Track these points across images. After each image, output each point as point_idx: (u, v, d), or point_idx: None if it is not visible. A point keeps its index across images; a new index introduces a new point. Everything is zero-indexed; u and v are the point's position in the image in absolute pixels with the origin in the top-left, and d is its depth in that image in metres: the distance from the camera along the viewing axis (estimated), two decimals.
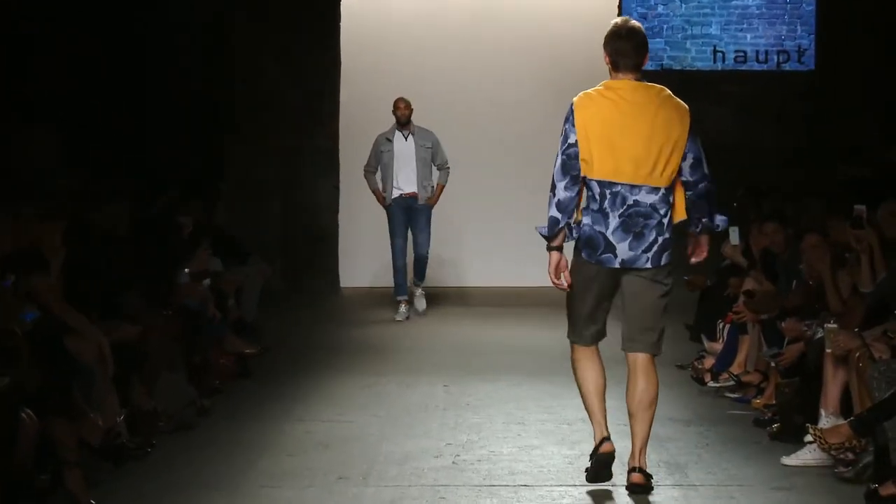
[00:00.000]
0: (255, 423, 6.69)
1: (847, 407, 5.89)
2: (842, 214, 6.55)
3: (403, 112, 10.41)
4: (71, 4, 10.62)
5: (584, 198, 5.26)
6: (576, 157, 5.17)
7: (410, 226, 10.45)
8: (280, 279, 11.32)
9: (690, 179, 5.24)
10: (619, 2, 11.87)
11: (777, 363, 6.75)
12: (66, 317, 5.84)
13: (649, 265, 5.24)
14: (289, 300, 11.08)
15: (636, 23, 5.35)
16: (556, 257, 5.25)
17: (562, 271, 5.25)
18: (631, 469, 5.30)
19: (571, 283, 5.30)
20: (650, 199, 5.18)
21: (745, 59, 11.95)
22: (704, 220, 5.32)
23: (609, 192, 5.19)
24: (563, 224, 5.20)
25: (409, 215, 10.43)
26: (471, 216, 12.10)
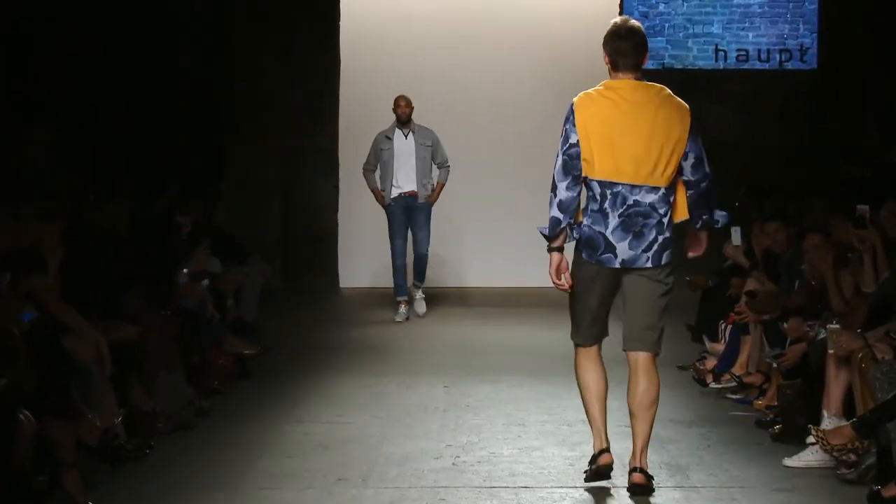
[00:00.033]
0: (255, 424, 6.67)
1: (849, 408, 5.88)
2: (844, 214, 6.53)
3: (404, 110, 10.34)
4: (71, 4, 10.61)
5: (584, 198, 5.26)
6: (577, 157, 5.16)
7: (410, 224, 10.39)
8: (280, 279, 11.29)
9: (692, 179, 5.24)
10: (621, 1, 11.83)
11: (779, 364, 6.72)
12: (64, 317, 5.82)
13: (650, 264, 5.23)
14: (288, 300, 11.05)
15: (635, 22, 5.34)
16: (557, 258, 5.25)
17: (562, 272, 5.26)
18: (632, 469, 5.29)
19: (572, 284, 5.30)
20: (650, 199, 5.18)
21: (747, 58, 11.91)
22: (705, 217, 5.33)
23: (610, 193, 5.18)
24: (565, 224, 5.20)
25: (409, 214, 10.38)
26: (471, 216, 12.06)
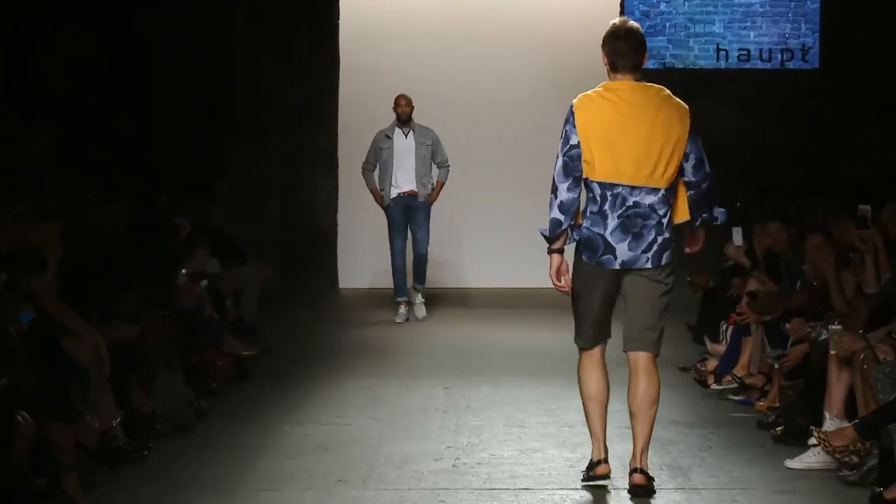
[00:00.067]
0: (254, 426, 6.65)
1: (851, 409, 5.86)
2: (846, 214, 6.51)
3: (404, 109, 10.29)
4: (71, 4, 10.61)
5: (584, 200, 5.26)
6: (578, 159, 5.16)
7: (409, 223, 10.34)
8: (279, 280, 11.27)
9: (693, 180, 5.24)
10: (622, 0, 11.80)
11: (781, 365, 6.70)
12: (63, 317, 5.80)
13: (649, 265, 5.23)
14: (287, 301, 11.03)
15: (634, 23, 5.34)
16: (557, 260, 5.25)
17: (563, 274, 5.26)
18: (632, 470, 5.28)
19: (574, 287, 5.30)
20: (649, 200, 5.17)
21: (749, 58, 11.89)
22: (704, 216, 5.34)
23: (610, 194, 5.18)
24: (566, 226, 5.20)
25: (409, 214, 10.33)
26: (471, 216, 12.04)
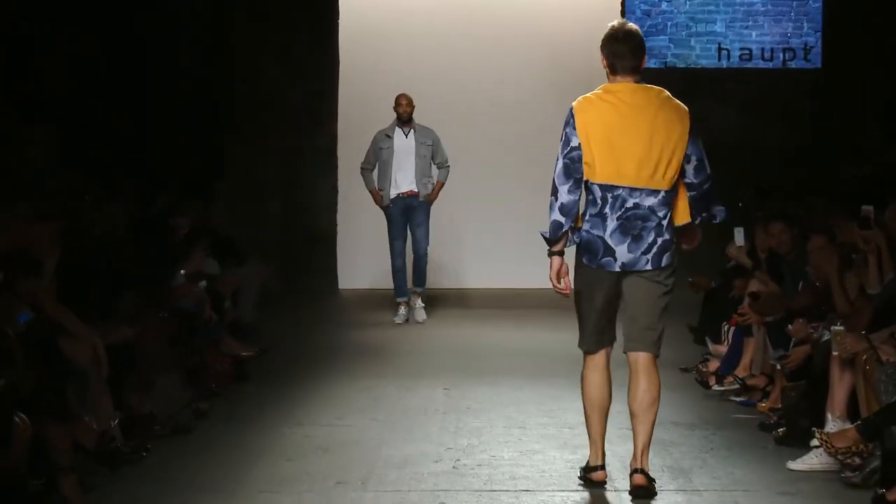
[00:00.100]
0: (253, 427, 6.63)
1: (854, 410, 5.85)
2: (849, 215, 6.48)
3: (405, 109, 10.25)
4: (71, 4, 10.59)
5: (584, 202, 5.26)
6: (579, 161, 5.17)
7: (409, 223, 10.30)
8: (278, 280, 11.25)
9: (695, 181, 5.25)
10: None
11: (783, 366, 6.67)
12: (61, 318, 5.78)
13: (649, 267, 5.23)
14: (287, 301, 11.00)
15: (633, 25, 5.35)
16: (558, 262, 5.25)
17: (563, 276, 5.26)
18: (634, 471, 5.27)
19: (576, 290, 5.30)
20: (649, 202, 5.18)
21: (751, 57, 11.86)
22: (704, 215, 5.34)
23: (610, 196, 5.19)
24: (567, 228, 5.20)
25: (408, 214, 10.29)
26: (470, 216, 12.02)
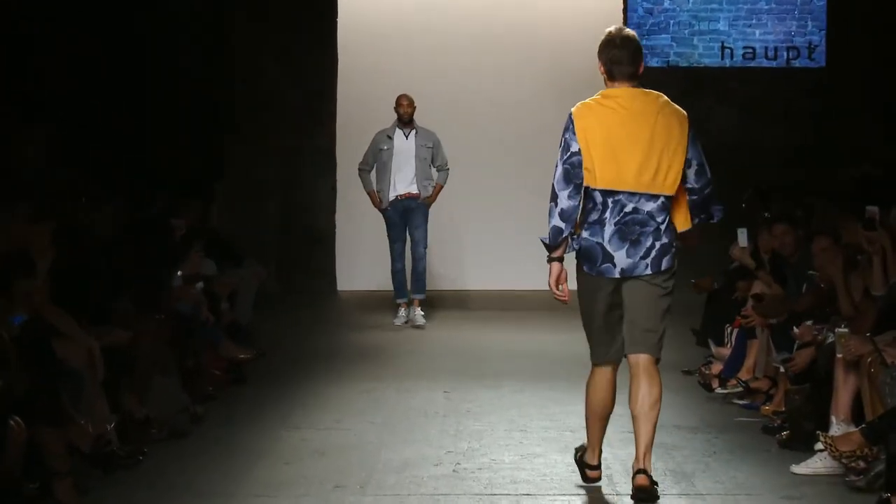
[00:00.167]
0: (250, 430, 6.60)
1: (858, 414, 5.83)
2: (853, 216, 6.43)
3: (406, 109, 10.20)
4: (71, 4, 10.59)
5: (584, 209, 5.25)
6: (579, 166, 5.17)
7: (407, 225, 10.24)
8: (276, 281, 11.23)
9: (696, 186, 5.26)
10: None
11: (787, 369, 6.62)
12: (55, 320, 5.75)
13: (649, 271, 5.24)
14: (285, 303, 10.99)
15: (630, 31, 5.39)
16: (557, 268, 5.26)
17: (562, 282, 5.27)
18: (636, 472, 5.23)
19: (579, 299, 5.32)
20: (648, 207, 5.19)
21: (754, 56, 11.82)
22: (703, 217, 5.35)
23: (611, 201, 5.19)
24: (567, 233, 5.21)
25: (407, 217, 10.23)
26: (470, 217, 11.99)
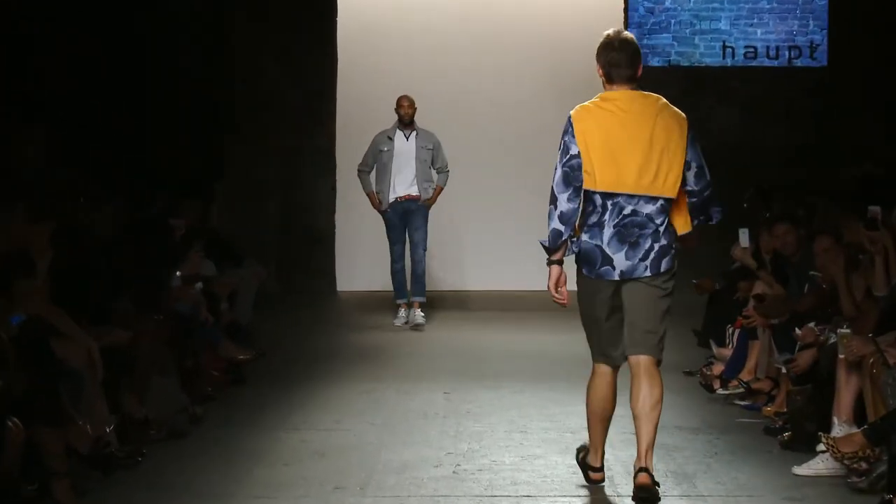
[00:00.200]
0: (250, 431, 6.59)
1: (861, 415, 5.82)
2: (855, 215, 6.41)
3: (407, 111, 10.18)
4: (71, 4, 10.59)
5: (583, 212, 5.25)
6: (579, 169, 5.17)
7: (407, 227, 10.21)
8: (276, 282, 11.20)
9: (696, 188, 5.26)
10: None
11: (788, 369, 6.60)
12: (55, 320, 5.73)
13: (648, 273, 5.23)
14: (284, 303, 10.97)
15: (629, 34, 5.41)
16: (557, 271, 5.25)
17: (561, 286, 5.27)
18: (638, 470, 5.21)
19: (579, 302, 5.32)
20: (647, 210, 5.19)
21: (756, 55, 11.80)
22: (702, 218, 5.36)
23: (610, 203, 5.20)
24: (566, 236, 5.21)
25: (406, 219, 10.20)
26: (470, 217, 11.96)
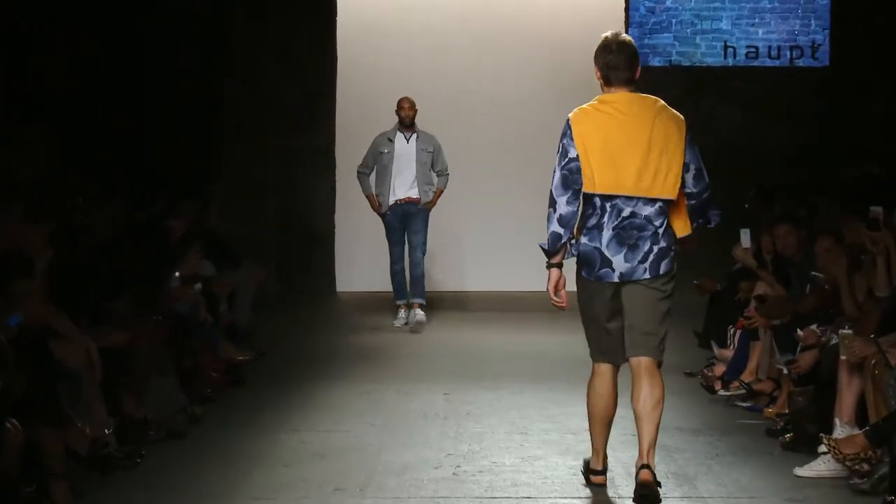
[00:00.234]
0: (249, 432, 6.57)
1: (862, 416, 5.80)
2: (857, 215, 6.40)
3: (408, 113, 10.17)
4: (71, 4, 10.58)
5: (582, 214, 5.25)
6: (577, 172, 5.18)
7: (407, 230, 10.18)
8: (275, 282, 11.19)
9: (694, 190, 5.27)
10: None
11: (790, 370, 6.58)
12: (53, 321, 5.72)
13: (648, 275, 5.24)
14: (284, 304, 10.97)
15: (627, 36, 5.40)
16: (556, 274, 5.26)
17: (560, 289, 5.27)
18: (640, 467, 5.21)
19: (579, 304, 5.32)
20: (646, 212, 5.20)
21: (757, 55, 11.78)
22: (701, 221, 5.37)
23: (609, 206, 5.20)
24: (566, 239, 5.21)
25: (406, 221, 10.18)
26: (470, 218, 11.95)
